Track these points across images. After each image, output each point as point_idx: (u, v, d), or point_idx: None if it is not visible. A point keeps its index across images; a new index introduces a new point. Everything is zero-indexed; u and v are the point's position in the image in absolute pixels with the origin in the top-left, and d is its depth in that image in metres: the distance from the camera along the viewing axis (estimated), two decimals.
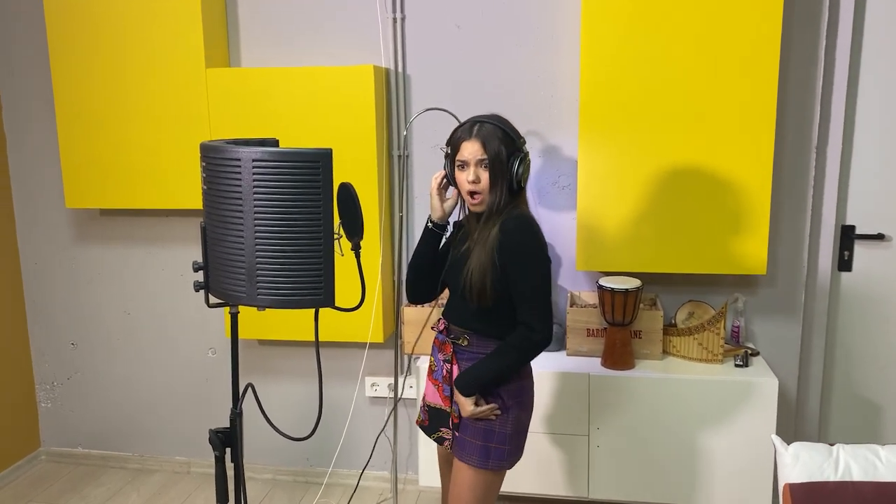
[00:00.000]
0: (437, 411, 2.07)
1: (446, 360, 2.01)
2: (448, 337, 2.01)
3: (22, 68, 3.14)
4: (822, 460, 1.55)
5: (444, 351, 2.02)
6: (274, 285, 1.50)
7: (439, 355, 2.04)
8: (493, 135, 1.86)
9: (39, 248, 3.28)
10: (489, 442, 1.92)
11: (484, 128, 1.87)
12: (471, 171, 1.88)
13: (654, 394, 2.50)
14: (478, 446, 1.93)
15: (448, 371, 2.01)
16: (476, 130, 1.88)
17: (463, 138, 1.89)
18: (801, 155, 2.68)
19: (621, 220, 2.59)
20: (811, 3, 2.59)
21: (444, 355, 2.02)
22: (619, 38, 2.49)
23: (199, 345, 3.22)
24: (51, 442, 3.44)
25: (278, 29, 2.92)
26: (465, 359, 1.98)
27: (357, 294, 2.77)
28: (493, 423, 1.92)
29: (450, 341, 2.00)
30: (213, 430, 1.66)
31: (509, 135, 1.87)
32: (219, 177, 1.51)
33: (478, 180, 1.87)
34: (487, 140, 1.86)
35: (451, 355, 2.00)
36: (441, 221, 2.03)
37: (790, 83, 2.64)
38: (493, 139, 1.85)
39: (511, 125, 1.91)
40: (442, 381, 2.03)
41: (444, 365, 2.01)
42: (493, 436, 1.92)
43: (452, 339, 2.00)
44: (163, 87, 2.83)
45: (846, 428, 2.86)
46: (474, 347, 1.97)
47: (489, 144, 1.85)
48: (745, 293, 2.78)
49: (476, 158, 1.87)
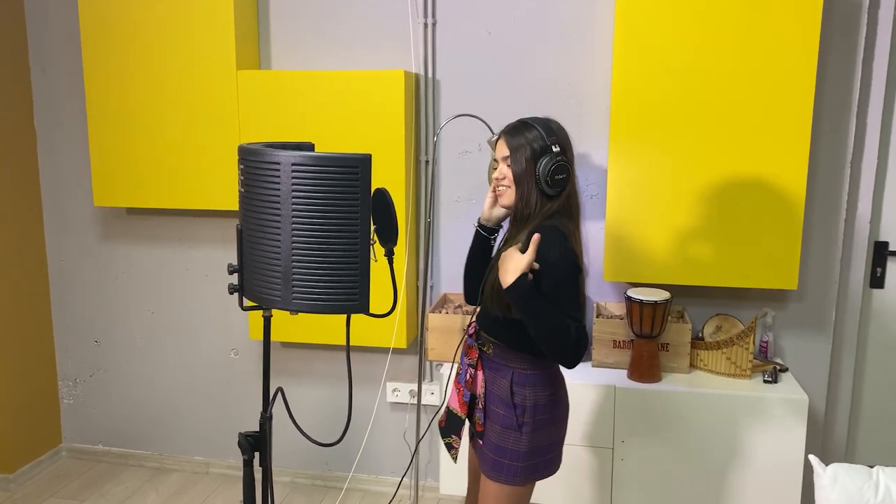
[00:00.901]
0: (454, 417, 2.05)
1: (471, 364, 1.99)
2: (476, 342, 1.99)
3: (54, 66, 3.17)
4: (861, 482, 1.52)
5: (469, 355, 2.00)
6: (309, 290, 1.49)
7: (465, 359, 2.02)
8: (519, 132, 1.84)
9: (66, 246, 3.30)
10: (503, 458, 1.89)
11: (515, 126, 1.87)
12: (499, 168, 1.88)
13: (680, 408, 2.47)
14: (494, 460, 1.90)
15: (472, 376, 1.98)
16: (507, 129, 1.88)
17: (498, 137, 1.90)
18: (835, 169, 2.65)
19: (650, 231, 2.56)
20: (849, 15, 2.56)
21: (470, 360, 1.99)
22: (652, 46, 2.47)
23: (221, 345, 3.22)
24: (72, 438, 3.45)
25: (309, 32, 2.92)
26: (489, 367, 1.95)
27: (382, 299, 2.76)
28: (507, 440, 1.89)
29: (476, 347, 1.98)
30: (243, 433, 1.65)
31: (540, 133, 1.82)
32: (257, 180, 1.51)
33: (501, 176, 1.87)
34: (512, 136, 1.84)
35: (476, 361, 1.98)
36: (487, 223, 2.01)
37: (826, 96, 2.60)
38: (518, 136, 1.83)
39: (550, 125, 1.85)
40: (464, 385, 2.00)
41: (469, 369, 1.99)
42: (507, 452, 1.89)
43: (479, 344, 1.98)
44: (193, 88, 2.84)
45: (874, 448, 2.81)
46: (497, 357, 1.93)
47: (512, 141, 1.84)
48: (774, 307, 2.74)
49: (501, 156, 1.87)
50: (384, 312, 1.74)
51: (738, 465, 2.46)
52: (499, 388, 1.92)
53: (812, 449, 2.79)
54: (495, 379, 1.94)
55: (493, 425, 1.93)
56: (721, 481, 2.48)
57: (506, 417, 1.90)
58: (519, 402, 1.88)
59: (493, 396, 1.94)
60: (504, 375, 1.91)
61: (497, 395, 1.93)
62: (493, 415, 1.93)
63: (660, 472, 2.51)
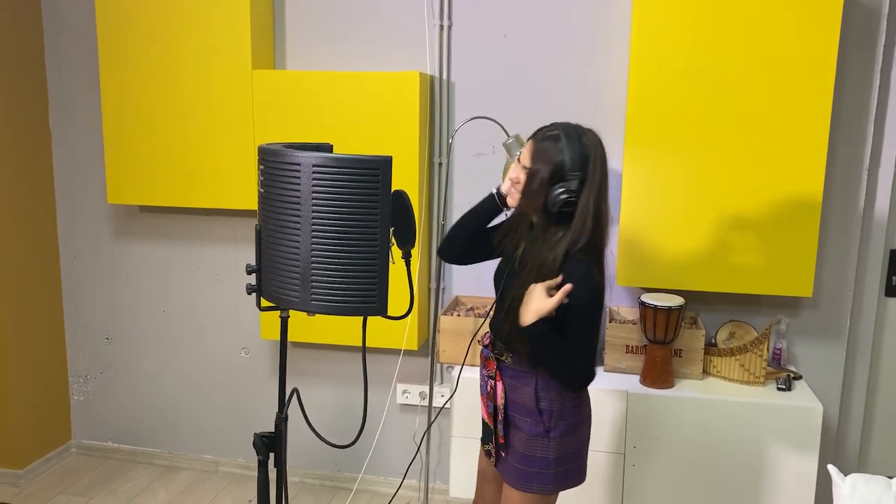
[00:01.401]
0: (486, 427, 2.02)
1: (490, 376, 1.95)
2: (493, 353, 1.96)
3: (70, 65, 3.18)
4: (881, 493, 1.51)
5: (487, 367, 1.96)
6: (328, 291, 1.48)
7: (484, 371, 1.98)
8: (548, 149, 1.75)
9: (79, 243, 3.31)
10: (531, 467, 1.86)
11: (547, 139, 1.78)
12: (515, 168, 1.83)
13: (693, 414, 2.46)
14: (521, 471, 1.87)
15: (492, 388, 1.94)
16: (541, 136, 1.79)
17: (531, 137, 1.83)
18: (851, 176, 2.63)
19: (664, 236, 2.55)
20: (868, 23, 2.54)
21: (488, 371, 1.96)
22: (669, 50, 2.46)
23: (232, 344, 3.22)
24: (81, 435, 3.46)
25: (324, 33, 2.92)
26: (508, 376, 1.92)
27: (395, 300, 2.76)
28: (535, 448, 1.87)
29: (493, 357, 1.95)
30: (258, 434, 1.65)
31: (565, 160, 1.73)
32: (277, 180, 1.50)
33: (517, 180, 1.82)
34: (541, 148, 1.77)
35: (494, 372, 1.94)
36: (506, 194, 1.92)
37: (844, 102, 2.59)
38: (545, 152, 1.75)
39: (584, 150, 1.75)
40: (486, 397, 1.97)
41: (489, 381, 1.96)
42: (535, 461, 1.86)
43: (496, 354, 1.95)
44: (208, 87, 2.85)
45: (888, 458, 2.79)
46: (517, 365, 1.90)
47: (539, 154, 1.76)
48: (788, 315, 2.73)
49: (524, 161, 1.82)
50: (399, 315, 1.74)
51: (751, 473, 2.45)
52: (521, 396, 1.89)
53: (824, 457, 2.77)
54: (516, 387, 1.91)
55: (519, 434, 1.90)
56: (733, 489, 2.46)
57: (532, 425, 1.87)
58: (545, 406, 1.85)
59: (515, 405, 1.91)
60: (527, 382, 1.88)
61: (520, 402, 1.90)
62: (518, 424, 1.90)
63: (671, 479, 2.50)
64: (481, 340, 2.02)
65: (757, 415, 2.42)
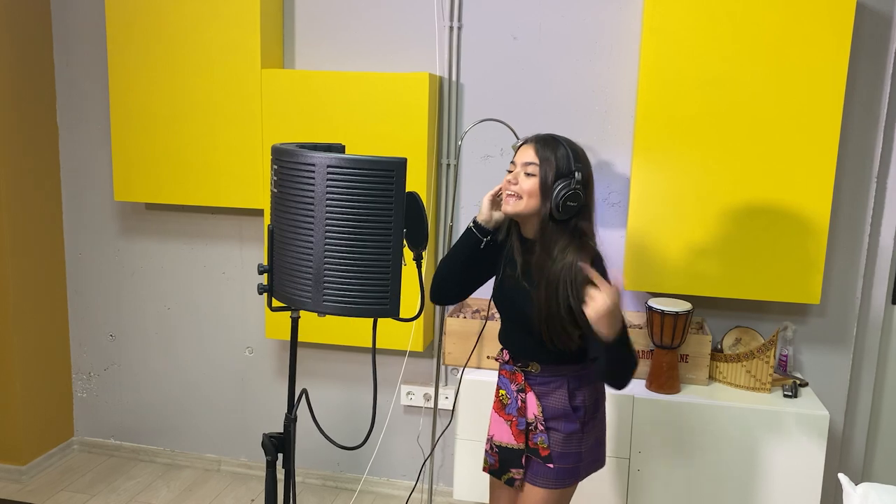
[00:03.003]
0: (509, 451, 1.95)
1: (520, 389, 1.92)
2: (516, 366, 1.93)
3: (79, 61, 3.18)
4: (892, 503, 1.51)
5: (515, 381, 1.93)
6: (341, 293, 1.48)
7: (512, 387, 1.94)
8: (550, 145, 1.79)
9: (84, 240, 3.30)
10: (567, 464, 1.88)
11: (546, 139, 1.82)
12: (515, 173, 1.82)
13: (699, 420, 2.45)
14: (557, 469, 1.88)
15: (523, 401, 1.91)
16: (537, 138, 1.83)
17: (522, 144, 1.85)
18: (860, 183, 2.63)
19: (672, 241, 2.55)
20: (879, 33, 2.54)
21: (517, 385, 1.92)
22: (679, 56, 2.45)
23: (236, 343, 3.22)
24: (84, 432, 3.45)
25: (334, 33, 2.92)
26: (537, 383, 1.90)
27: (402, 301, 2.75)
28: (570, 445, 1.88)
29: (519, 370, 1.92)
30: (267, 434, 1.65)
31: (568, 154, 1.78)
32: (290, 180, 1.50)
33: (515, 181, 1.81)
34: (543, 148, 1.79)
35: (523, 384, 1.91)
36: (485, 225, 1.90)
37: (854, 111, 2.59)
38: (548, 149, 1.79)
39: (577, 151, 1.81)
40: (516, 414, 1.93)
41: (519, 395, 1.92)
42: (570, 457, 1.89)
43: (521, 367, 1.92)
44: (217, 86, 2.84)
45: (892, 466, 2.78)
46: (545, 374, 1.89)
47: (542, 152, 1.78)
48: (795, 321, 2.72)
49: (522, 161, 1.81)
50: (408, 316, 1.74)
51: (756, 480, 2.44)
52: (553, 401, 1.89)
53: (829, 465, 2.77)
54: (547, 393, 1.90)
55: (556, 436, 1.89)
56: (738, 495, 2.46)
57: (567, 424, 1.89)
58: (580, 403, 1.89)
59: (550, 412, 1.89)
60: (558, 385, 1.89)
61: (553, 407, 1.89)
62: (554, 427, 1.89)
63: (676, 485, 2.49)
64: (498, 358, 2.00)
65: (763, 421, 2.41)
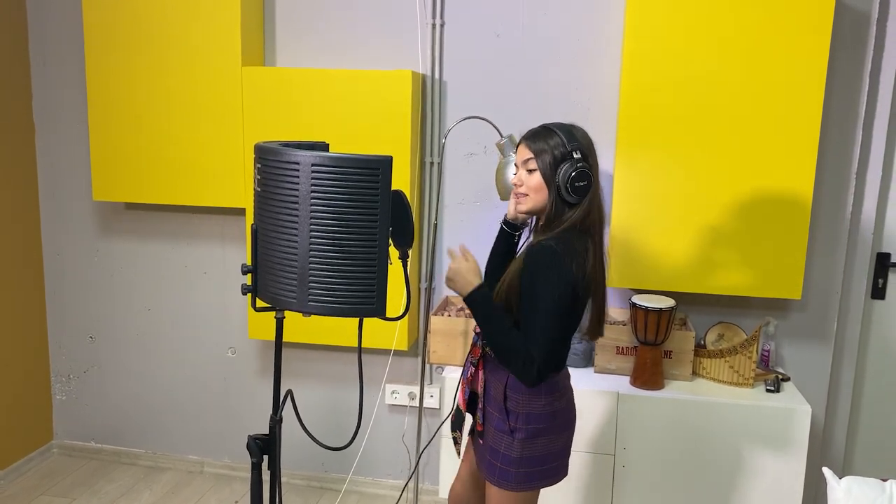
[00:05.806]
0: (458, 412, 2.05)
1: (473, 362, 1.98)
2: (480, 341, 1.98)
3: (55, 59, 3.12)
4: (875, 496, 1.52)
5: (473, 353, 2.00)
6: (326, 292, 1.47)
7: (469, 356, 2.01)
8: (541, 137, 1.82)
9: (62, 240, 3.25)
10: (495, 460, 1.89)
11: (536, 132, 1.85)
12: (518, 174, 1.87)
13: (683, 415, 2.47)
14: (488, 461, 1.91)
15: (472, 374, 1.98)
16: (528, 134, 1.86)
17: (520, 143, 1.88)
18: (840, 180, 2.66)
19: (655, 238, 2.56)
20: (858, 28, 2.57)
21: (472, 357, 1.99)
22: (661, 53, 2.46)
23: (219, 344, 3.19)
24: (63, 435, 3.40)
25: (316, 30, 2.90)
26: (489, 368, 1.95)
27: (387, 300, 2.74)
28: (499, 443, 1.88)
29: (480, 346, 1.98)
30: (252, 436, 1.63)
31: (562, 139, 1.80)
32: (274, 179, 1.48)
33: (520, 182, 1.86)
34: (534, 142, 1.83)
35: (478, 359, 1.97)
36: (513, 221, 2.02)
37: (834, 106, 2.61)
38: (540, 141, 1.81)
39: (573, 132, 1.83)
40: (466, 381, 1.99)
41: (470, 367, 1.99)
42: (499, 455, 1.88)
43: (483, 344, 1.97)
44: (197, 83, 2.81)
45: (872, 459, 2.82)
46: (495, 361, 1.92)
47: (534, 146, 1.82)
48: (776, 317, 2.75)
49: (521, 160, 1.86)
50: (393, 315, 1.73)
51: (740, 474, 2.46)
52: (495, 390, 1.92)
53: (810, 458, 2.80)
54: (493, 381, 1.93)
55: (489, 426, 1.93)
56: (722, 490, 2.48)
57: (499, 421, 1.89)
58: (511, 407, 1.86)
59: (489, 398, 1.94)
60: (501, 379, 1.90)
61: (493, 396, 1.93)
62: (489, 416, 1.93)
63: (661, 480, 2.51)
64: (476, 328, 2.04)
65: (745, 416, 2.43)
